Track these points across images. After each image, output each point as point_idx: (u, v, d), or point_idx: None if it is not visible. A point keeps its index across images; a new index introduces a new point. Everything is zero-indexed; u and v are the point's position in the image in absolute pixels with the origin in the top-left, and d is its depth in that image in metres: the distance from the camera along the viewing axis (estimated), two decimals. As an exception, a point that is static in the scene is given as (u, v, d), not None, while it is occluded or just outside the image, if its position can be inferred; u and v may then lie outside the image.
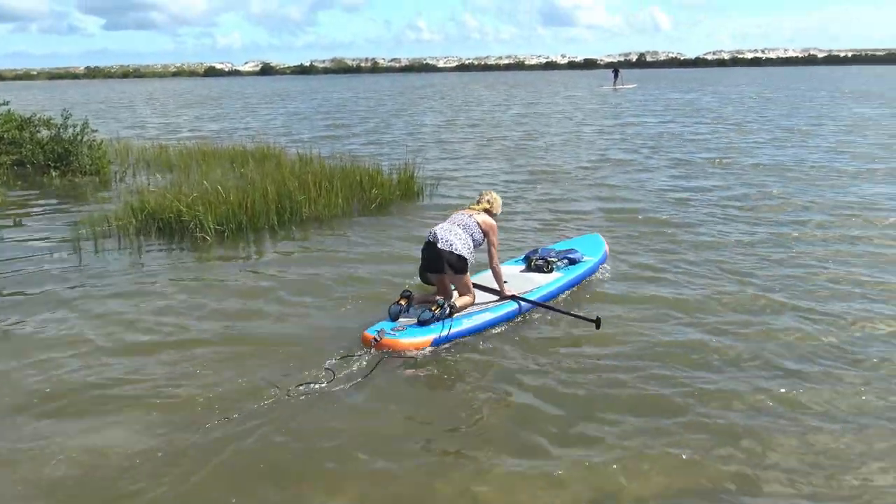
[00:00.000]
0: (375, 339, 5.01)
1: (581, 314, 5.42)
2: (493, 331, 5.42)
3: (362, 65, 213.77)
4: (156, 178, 11.27)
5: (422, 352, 5.02)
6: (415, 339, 5.07)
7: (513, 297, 5.66)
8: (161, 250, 7.86)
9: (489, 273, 5.87)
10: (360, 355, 4.88)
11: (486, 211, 5.76)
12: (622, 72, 56.70)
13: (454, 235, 5.49)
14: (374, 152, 15.75)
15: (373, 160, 12.07)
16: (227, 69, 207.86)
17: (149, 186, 9.58)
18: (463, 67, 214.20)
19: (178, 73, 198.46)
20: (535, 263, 6.46)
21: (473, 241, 5.59)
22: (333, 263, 7.26)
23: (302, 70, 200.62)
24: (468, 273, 5.55)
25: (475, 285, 5.73)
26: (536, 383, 4.53)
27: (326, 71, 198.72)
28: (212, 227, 8.13)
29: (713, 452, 3.71)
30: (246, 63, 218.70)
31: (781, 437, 3.86)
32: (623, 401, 4.26)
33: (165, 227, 8.45)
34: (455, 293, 5.64)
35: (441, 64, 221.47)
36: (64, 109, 13.41)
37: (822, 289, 6.25)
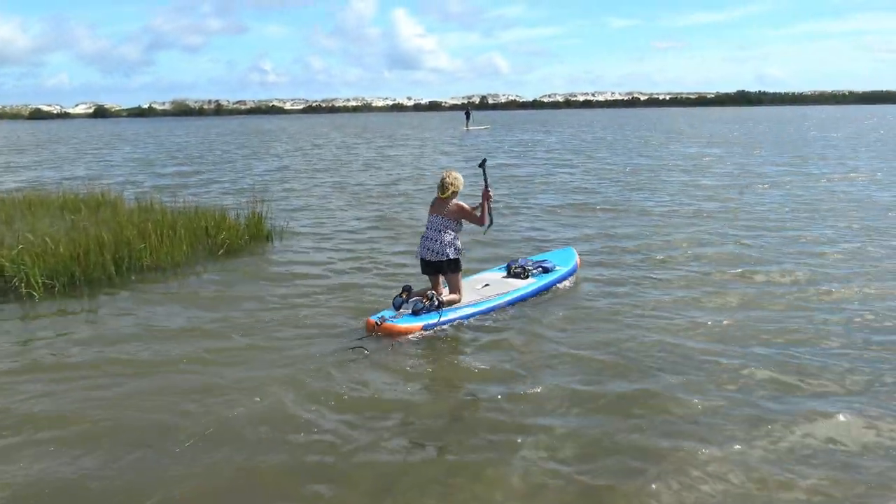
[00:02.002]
0: (377, 324, 6.08)
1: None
2: (472, 321, 6.49)
3: (205, 107, 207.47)
4: (-28, 230, 10.28)
5: (414, 335, 6.11)
6: (409, 324, 6.17)
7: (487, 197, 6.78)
8: (-20, 309, 7.16)
9: (486, 274, 7.61)
10: (366, 337, 6.00)
11: (456, 194, 6.63)
12: (473, 113, 58.88)
13: (436, 242, 6.56)
14: (222, 197, 15.30)
15: (220, 205, 11.70)
16: (55, 111, 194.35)
17: (-36, 240, 8.70)
18: (311, 109, 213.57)
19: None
20: (514, 271, 7.52)
21: (452, 231, 6.61)
22: (175, 312, 6.96)
23: (140, 112, 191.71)
24: (460, 273, 6.67)
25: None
26: (495, 366, 5.52)
27: (166, 113, 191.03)
28: (39, 281, 7.53)
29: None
30: (77, 105, 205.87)
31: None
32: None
33: (-16, 284, 7.72)
34: (446, 290, 6.70)
35: (288, 106, 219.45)
36: None
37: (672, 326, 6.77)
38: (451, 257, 6.57)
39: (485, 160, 6.94)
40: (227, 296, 7.54)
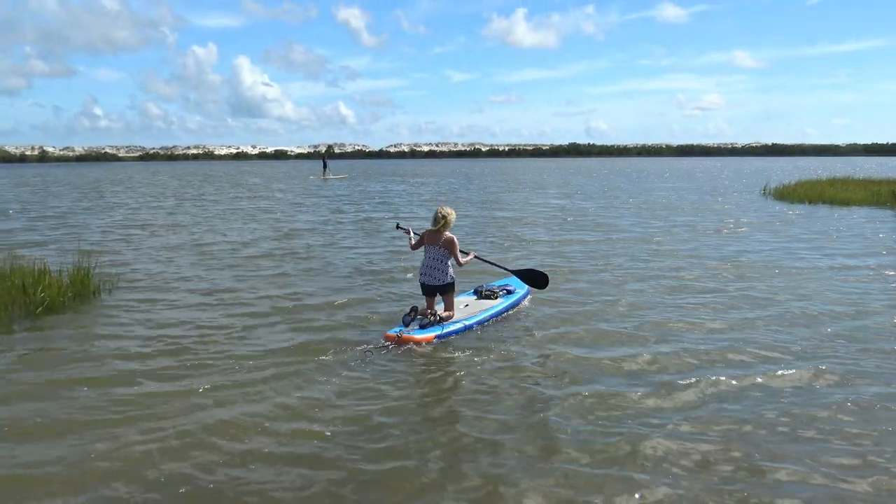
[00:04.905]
0: (398, 336, 7.37)
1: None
2: (472, 332, 7.93)
3: (28, 153, 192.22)
4: None
5: (429, 343, 7.41)
6: (423, 335, 7.48)
7: (478, 258, 8.75)
8: None
9: (461, 297, 8.88)
10: (384, 345, 7.31)
11: (446, 225, 7.85)
12: (330, 163, 59.35)
13: (435, 270, 7.87)
14: (45, 252, 14.10)
15: (40, 260, 10.77)
16: None
17: None
18: (148, 157, 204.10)
19: None
20: (484, 293, 9.03)
21: (447, 259, 7.85)
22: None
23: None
24: (454, 292, 8.06)
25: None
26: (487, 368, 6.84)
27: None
28: None
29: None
30: None
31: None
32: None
33: None
34: (442, 307, 8.07)
35: (122, 153, 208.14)
36: None
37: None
38: (450, 281, 7.90)
39: (398, 224, 9.24)
40: (42, 358, 7.02)
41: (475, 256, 8.55)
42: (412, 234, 8.62)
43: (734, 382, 6.21)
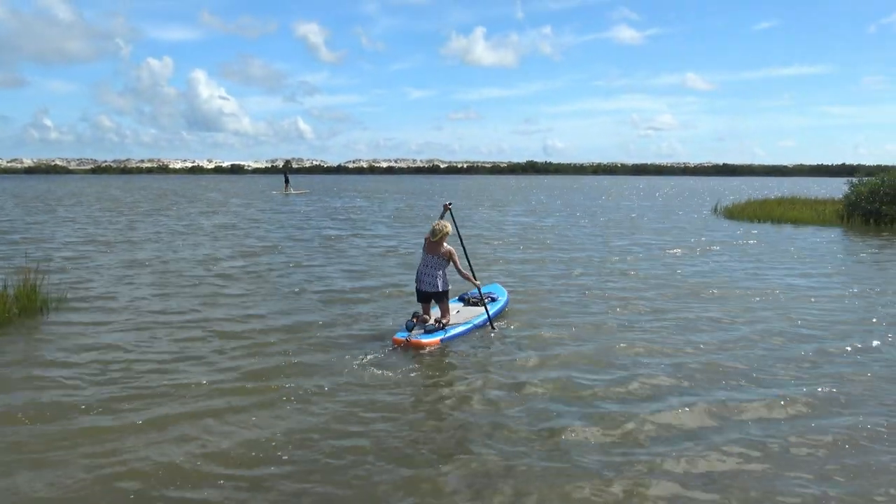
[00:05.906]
0: (406, 340, 7.86)
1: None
2: (472, 334, 8.59)
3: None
4: None
5: (435, 347, 7.95)
6: (429, 339, 7.99)
7: (478, 288, 9.04)
8: None
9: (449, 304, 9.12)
10: (392, 350, 7.78)
11: (445, 236, 8.32)
12: (291, 178, 59.24)
13: (431, 277, 8.35)
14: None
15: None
16: None
17: None
18: (100, 170, 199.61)
19: None
20: (472, 301, 9.68)
21: (443, 269, 8.38)
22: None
23: None
24: (448, 298, 8.52)
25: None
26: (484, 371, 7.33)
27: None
28: None
29: None
30: None
31: None
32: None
33: None
34: (439, 311, 8.57)
35: (73, 166, 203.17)
36: None
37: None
38: (445, 289, 8.38)
39: (449, 203, 9.23)
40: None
41: (476, 284, 8.85)
42: (447, 214, 9.04)
43: (707, 406, 6.35)
